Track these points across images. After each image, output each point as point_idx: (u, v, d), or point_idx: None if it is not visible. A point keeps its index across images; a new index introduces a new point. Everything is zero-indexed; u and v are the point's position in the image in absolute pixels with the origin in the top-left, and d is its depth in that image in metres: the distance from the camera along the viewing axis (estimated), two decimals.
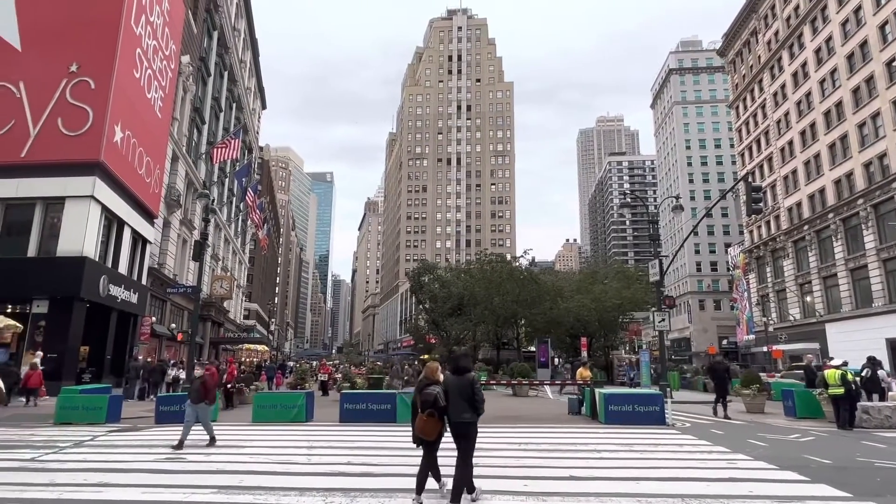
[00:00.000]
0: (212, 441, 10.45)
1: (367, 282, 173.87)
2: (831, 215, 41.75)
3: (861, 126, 39.31)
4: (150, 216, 27.75)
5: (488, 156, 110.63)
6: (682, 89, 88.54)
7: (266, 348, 62.03)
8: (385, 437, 11.75)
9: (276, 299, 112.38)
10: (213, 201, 36.05)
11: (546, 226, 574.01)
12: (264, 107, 71.78)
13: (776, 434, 12.72)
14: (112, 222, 24.22)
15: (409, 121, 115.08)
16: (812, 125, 45.61)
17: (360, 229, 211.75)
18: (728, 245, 71.68)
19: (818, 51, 45.09)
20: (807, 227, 45.07)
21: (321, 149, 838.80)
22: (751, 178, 51.90)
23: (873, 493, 7.01)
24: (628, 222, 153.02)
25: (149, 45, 25.67)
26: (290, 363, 47.34)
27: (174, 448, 9.84)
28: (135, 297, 25.95)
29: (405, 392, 15.54)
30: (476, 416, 6.29)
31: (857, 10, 40.04)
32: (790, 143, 48.96)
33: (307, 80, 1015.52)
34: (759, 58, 55.09)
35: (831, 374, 13.95)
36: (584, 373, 20.18)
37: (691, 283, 78.75)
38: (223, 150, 32.80)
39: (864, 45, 39.29)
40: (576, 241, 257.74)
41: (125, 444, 10.97)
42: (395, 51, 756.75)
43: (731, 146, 74.75)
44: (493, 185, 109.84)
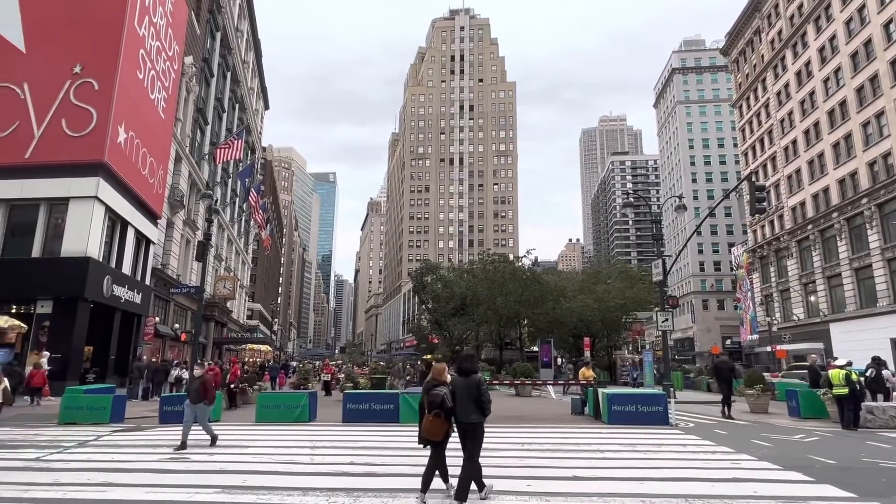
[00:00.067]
0: (213, 440, 10.45)
1: (370, 282, 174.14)
2: (835, 215, 41.60)
3: (865, 125, 39.17)
4: (153, 217, 27.85)
5: (491, 156, 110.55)
6: (686, 88, 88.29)
7: (269, 348, 62.17)
8: (388, 437, 11.76)
9: (280, 299, 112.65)
10: (216, 202, 36.12)
11: (549, 226, 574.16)
12: (267, 107, 71.94)
13: (780, 434, 12.67)
14: (116, 223, 24.30)
15: (412, 121, 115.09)
16: (816, 124, 45.47)
17: (362, 229, 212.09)
18: (731, 245, 71.48)
19: (822, 49, 44.95)
20: (811, 226, 44.92)
21: (324, 149, 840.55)
22: (754, 178, 51.28)
23: (878, 493, 6.98)
24: (631, 222, 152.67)
25: (152, 46, 25.75)
26: (293, 363, 47.47)
27: (177, 449, 9.86)
28: (138, 298, 26.04)
29: (408, 392, 15.55)
30: (483, 417, 6.33)
31: (861, 8, 39.90)
32: (794, 142, 48.81)
33: (310, 80, 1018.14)
34: (763, 57, 54.93)
35: (836, 374, 13.89)
36: (586, 373, 20.12)
37: (695, 282, 78.58)
38: (226, 150, 32.89)
39: (868, 43, 39.15)
40: (579, 240, 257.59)
41: (129, 444, 11.01)
42: (398, 51, 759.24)
43: (735, 145, 74.63)
44: (496, 184, 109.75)
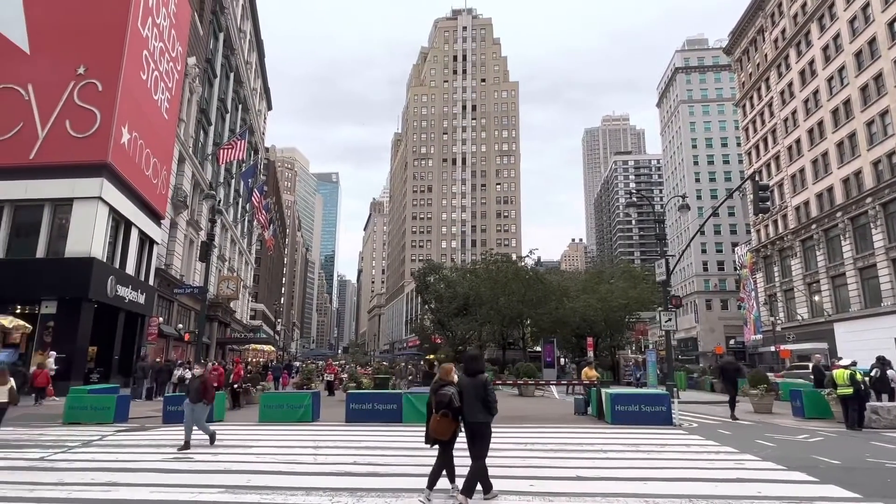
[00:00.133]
0: (211, 440, 10.39)
1: (373, 282, 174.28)
2: (839, 214, 41.44)
3: (870, 124, 39.01)
4: (157, 217, 27.92)
5: (494, 155, 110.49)
6: (689, 88, 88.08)
7: (272, 348, 62.30)
8: (391, 437, 11.76)
9: (283, 299, 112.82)
10: (219, 202, 36.26)
11: (552, 225, 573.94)
12: (270, 108, 72.04)
13: (784, 434, 12.63)
14: (119, 223, 24.38)
15: (415, 121, 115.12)
16: (820, 123, 45.30)
17: (365, 230, 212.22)
18: (735, 244, 71.32)
19: (826, 48, 44.78)
20: (815, 225, 44.76)
21: (327, 149, 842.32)
22: (758, 177, 51.63)
23: (883, 494, 6.95)
24: (634, 222, 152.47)
25: (155, 47, 25.82)
26: (297, 363, 47.56)
27: (180, 449, 9.87)
28: (142, 298, 26.11)
29: (411, 392, 15.55)
30: (490, 417, 6.41)
31: (866, 6, 39.72)
32: (798, 141, 48.64)
33: (312, 80, 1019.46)
34: (766, 56, 54.76)
35: (840, 374, 13.84)
36: (588, 372, 20.06)
37: (698, 282, 78.38)
38: (229, 150, 32.95)
39: (872, 42, 38.98)
40: (581, 240, 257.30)
41: (133, 444, 11.04)
42: (400, 51, 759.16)
43: (738, 145, 74.40)
44: (499, 184, 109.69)
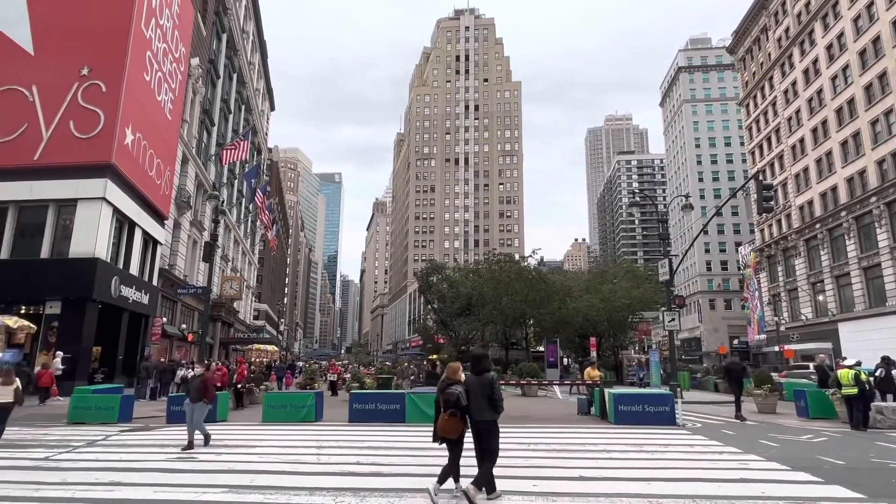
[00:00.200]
0: (206, 440, 10.36)
1: (376, 282, 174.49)
2: (844, 213, 41.28)
3: (874, 123, 38.84)
4: (160, 217, 28.00)
5: (496, 155, 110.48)
6: (692, 87, 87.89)
7: (275, 348, 62.38)
8: (394, 436, 11.76)
9: (286, 300, 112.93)
10: (222, 203, 36.32)
11: (554, 225, 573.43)
12: (273, 108, 72.16)
13: (788, 434, 12.59)
14: (123, 224, 24.47)
15: (417, 121, 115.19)
16: (824, 122, 45.13)
17: (368, 230, 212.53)
18: (738, 244, 71.07)
19: (829, 47, 44.62)
20: (819, 225, 44.59)
21: (329, 150, 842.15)
22: (761, 177, 51.52)
23: (888, 494, 6.92)
24: (637, 221, 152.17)
25: (159, 47, 25.90)
26: (300, 363, 47.57)
27: (184, 448, 9.90)
28: (146, 298, 26.19)
29: (414, 392, 15.56)
30: (497, 415, 6.56)
31: (870, 5, 39.56)
32: (801, 140, 48.46)
33: (315, 81, 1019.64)
34: (770, 55, 54.58)
35: (844, 374, 13.79)
36: (591, 372, 20.01)
37: (701, 282, 78.19)
38: (232, 151, 33.04)
39: (876, 40, 38.81)
40: (584, 240, 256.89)
41: (137, 444, 11.07)
42: (403, 51, 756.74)
43: (741, 144, 74.16)
44: (502, 184, 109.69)
